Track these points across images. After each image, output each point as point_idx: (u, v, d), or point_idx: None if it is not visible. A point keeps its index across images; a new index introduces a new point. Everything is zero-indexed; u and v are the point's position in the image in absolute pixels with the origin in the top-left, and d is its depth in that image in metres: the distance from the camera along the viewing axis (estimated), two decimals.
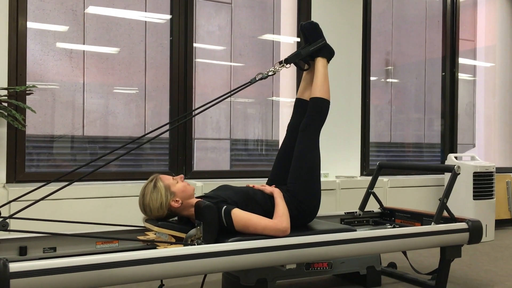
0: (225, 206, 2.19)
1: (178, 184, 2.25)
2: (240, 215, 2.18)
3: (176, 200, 2.21)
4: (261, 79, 2.44)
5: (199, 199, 2.25)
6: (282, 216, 2.25)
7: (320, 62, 2.57)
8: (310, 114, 2.51)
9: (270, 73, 2.46)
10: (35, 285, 1.64)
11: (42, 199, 1.93)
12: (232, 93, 2.42)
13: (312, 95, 2.54)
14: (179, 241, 2.17)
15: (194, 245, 2.04)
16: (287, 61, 2.52)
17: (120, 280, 1.80)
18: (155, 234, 2.25)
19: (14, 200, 1.97)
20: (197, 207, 2.17)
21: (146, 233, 2.30)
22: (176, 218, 2.36)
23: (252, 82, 2.43)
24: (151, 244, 2.25)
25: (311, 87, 2.59)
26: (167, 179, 2.25)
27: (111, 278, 1.78)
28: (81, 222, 2.25)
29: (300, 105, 2.67)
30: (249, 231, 2.19)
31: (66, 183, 1.98)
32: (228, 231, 2.19)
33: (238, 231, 2.19)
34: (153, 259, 1.85)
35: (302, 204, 2.40)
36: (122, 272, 1.79)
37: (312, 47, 2.56)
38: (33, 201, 1.90)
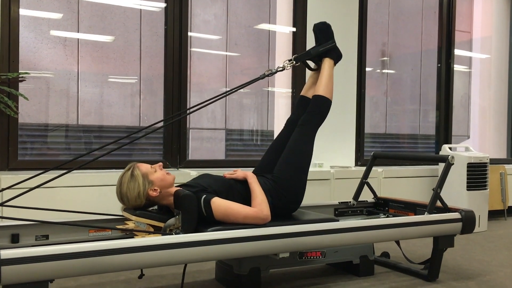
0: (204, 195, 2.15)
1: (156, 172, 2.20)
2: (220, 204, 2.14)
3: (154, 189, 2.17)
4: (270, 75, 2.51)
5: (179, 188, 2.21)
6: (261, 203, 2.22)
7: (327, 62, 2.61)
8: (311, 110, 2.52)
9: (279, 69, 2.53)
10: (26, 272, 1.64)
11: (32, 189, 1.92)
12: (234, 90, 2.44)
13: (315, 93, 2.56)
14: (158, 230, 2.14)
15: (172, 234, 2.01)
16: (297, 59, 2.58)
17: (96, 270, 1.77)
18: (134, 223, 2.21)
19: (6, 188, 1.96)
20: (176, 196, 2.13)
21: (126, 222, 2.26)
22: (156, 207, 2.33)
23: (261, 77, 2.49)
24: (130, 234, 2.22)
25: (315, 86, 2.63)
26: (145, 167, 2.20)
27: (89, 267, 1.75)
28: (71, 211, 2.24)
29: (303, 102, 2.68)
30: (229, 220, 2.15)
31: (59, 173, 1.97)
32: (208, 221, 2.15)
33: (218, 220, 2.15)
34: (130, 248, 1.82)
35: (284, 192, 2.37)
36: (99, 261, 1.76)
37: (322, 48, 2.62)
38: (25, 190, 1.89)
